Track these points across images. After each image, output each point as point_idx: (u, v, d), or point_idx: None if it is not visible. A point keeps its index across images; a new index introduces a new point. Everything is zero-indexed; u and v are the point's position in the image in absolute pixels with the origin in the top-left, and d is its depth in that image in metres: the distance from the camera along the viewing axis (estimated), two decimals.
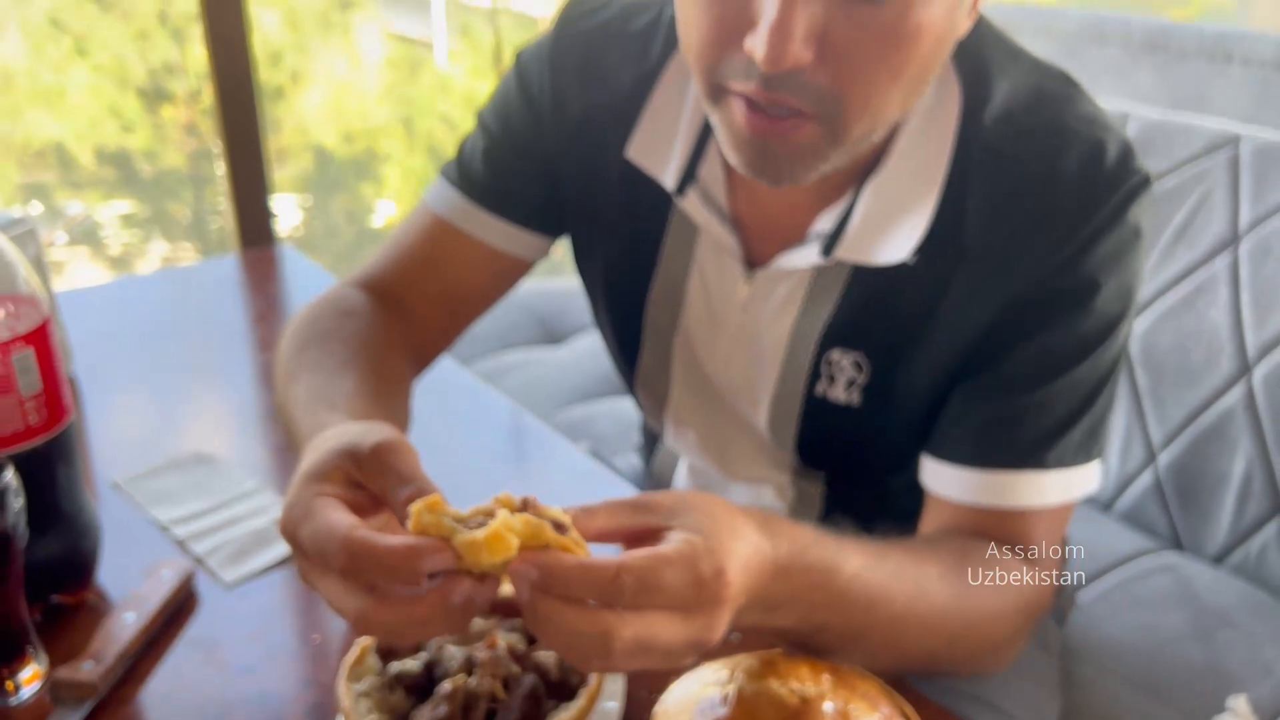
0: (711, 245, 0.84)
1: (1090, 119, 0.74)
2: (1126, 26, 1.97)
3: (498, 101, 0.91)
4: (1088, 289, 0.73)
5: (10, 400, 0.73)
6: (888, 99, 0.67)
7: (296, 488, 0.57)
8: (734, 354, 0.86)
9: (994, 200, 0.73)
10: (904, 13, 0.63)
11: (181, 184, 4.70)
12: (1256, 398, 1.16)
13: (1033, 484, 0.75)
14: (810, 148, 0.68)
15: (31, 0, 4.30)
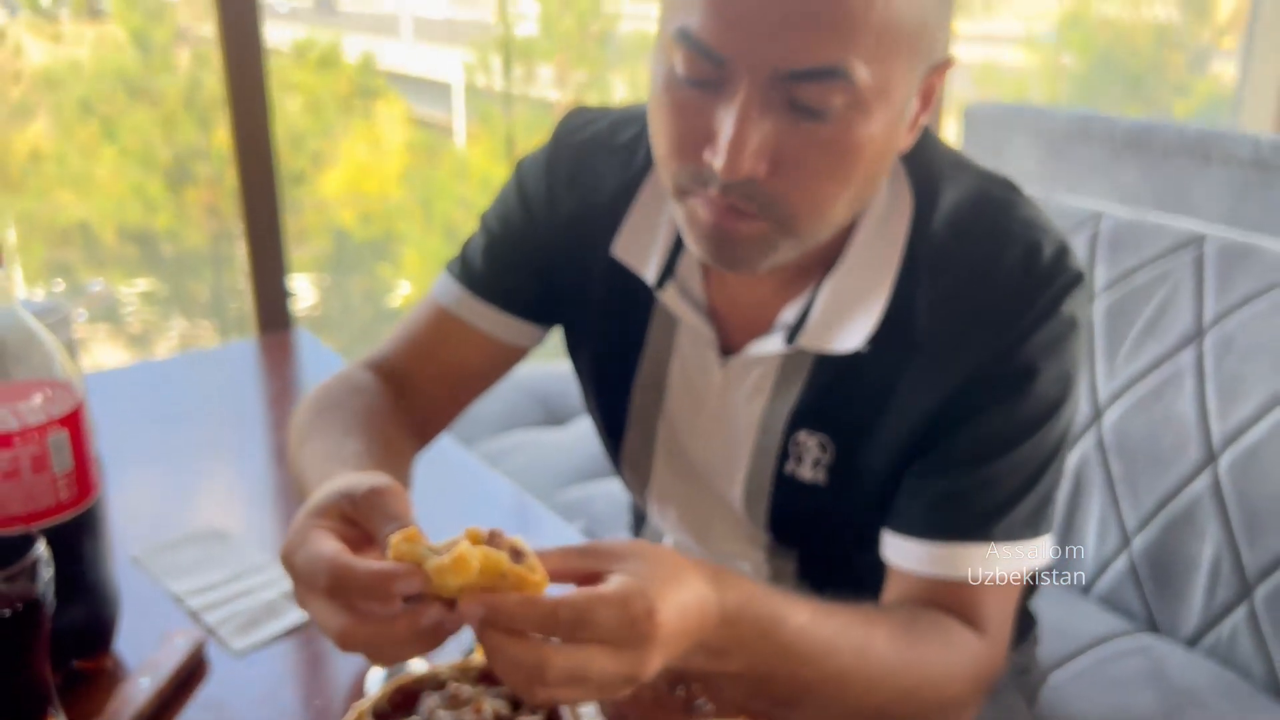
0: (690, 335, 0.91)
1: (1029, 222, 0.81)
2: (1111, 126, 2.06)
3: (499, 205, 0.99)
4: (1026, 375, 0.79)
5: (44, 478, 0.79)
6: (834, 204, 0.74)
7: (297, 521, 0.64)
8: (712, 435, 0.92)
9: (940, 296, 0.80)
10: (846, 129, 0.70)
11: (202, 263, 4.81)
12: (1222, 485, 1.21)
13: (980, 556, 0.80)
14: (761, 240, 0.75)
15: (64, 85, 4.43)
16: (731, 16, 0.68)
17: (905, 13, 0.69)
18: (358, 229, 5.38)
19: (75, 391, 0.82)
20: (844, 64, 0.68)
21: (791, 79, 0.68)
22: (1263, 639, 1.19)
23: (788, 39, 0.67)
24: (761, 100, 0.69)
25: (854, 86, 0.68)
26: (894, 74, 0.70)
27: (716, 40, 0.69)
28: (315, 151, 5.10)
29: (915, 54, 0.72)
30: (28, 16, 4.24)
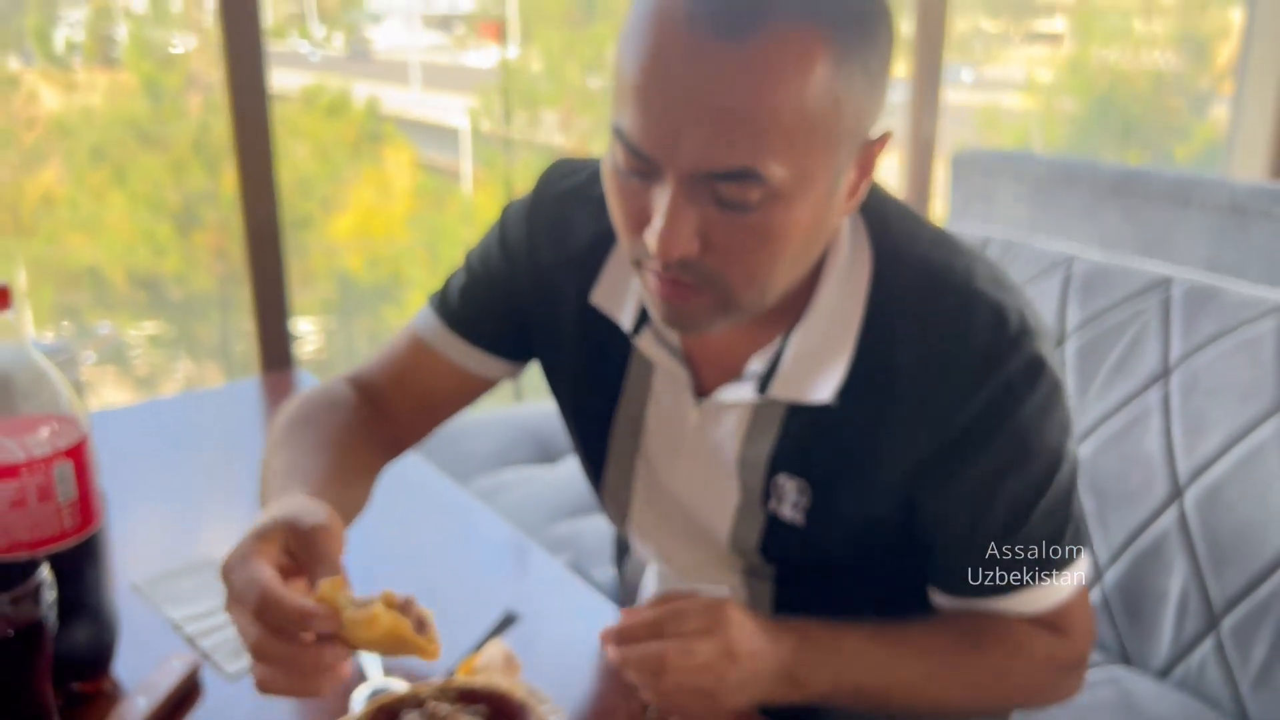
0: (666, 378, 0.96)
1: (991, 280, 0.86)
2: (1094, 171, 2.11)
3: (482, 246, 1.05)
4: (1030, 436, 0.85)
5: (49, 507, 0.84)
6: (769, 278, 0.80)
7: (243, 540, 0.72)
8: (692, 472, 0.97)
9: (915, 355, 0.85)
10: (769, 217, 0.75)
11: (209, 306, 4.86)
12: (1189, 519, 1.24)
13: (1035, 596, 0.90)
14: (707, 310, 0.81)
15: (76, 132, 4.50)
16: (655, 123, 0.74)
17: (819, 112, 0.73)
18: (364, 273, 5.44)
19: (80, 425, 0.86)
20: (757, 165, 0.73)
21: (711, 178, 0.74)
22: (1230, 670, 1.22)
23: (704, 145, 0.72)
24: (688, 193, 0.75)
25: (770, 184, 0.74)
26: (813, 166, 0.75)
27: (643, 142, 0.75)
28: (323, 196, 5.17)
29: (836, 143, 0.76)
30: (42, 64, 4.32)
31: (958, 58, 5.12)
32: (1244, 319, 1.27)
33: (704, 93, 0.72)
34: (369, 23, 5.46)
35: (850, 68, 0.74)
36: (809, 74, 0.72)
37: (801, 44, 0.72)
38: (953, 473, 0.86)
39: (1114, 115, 4.67)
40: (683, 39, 0.72)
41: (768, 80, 0.71)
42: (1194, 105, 4.67)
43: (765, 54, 0.71)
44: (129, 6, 4.52)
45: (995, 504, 0.87)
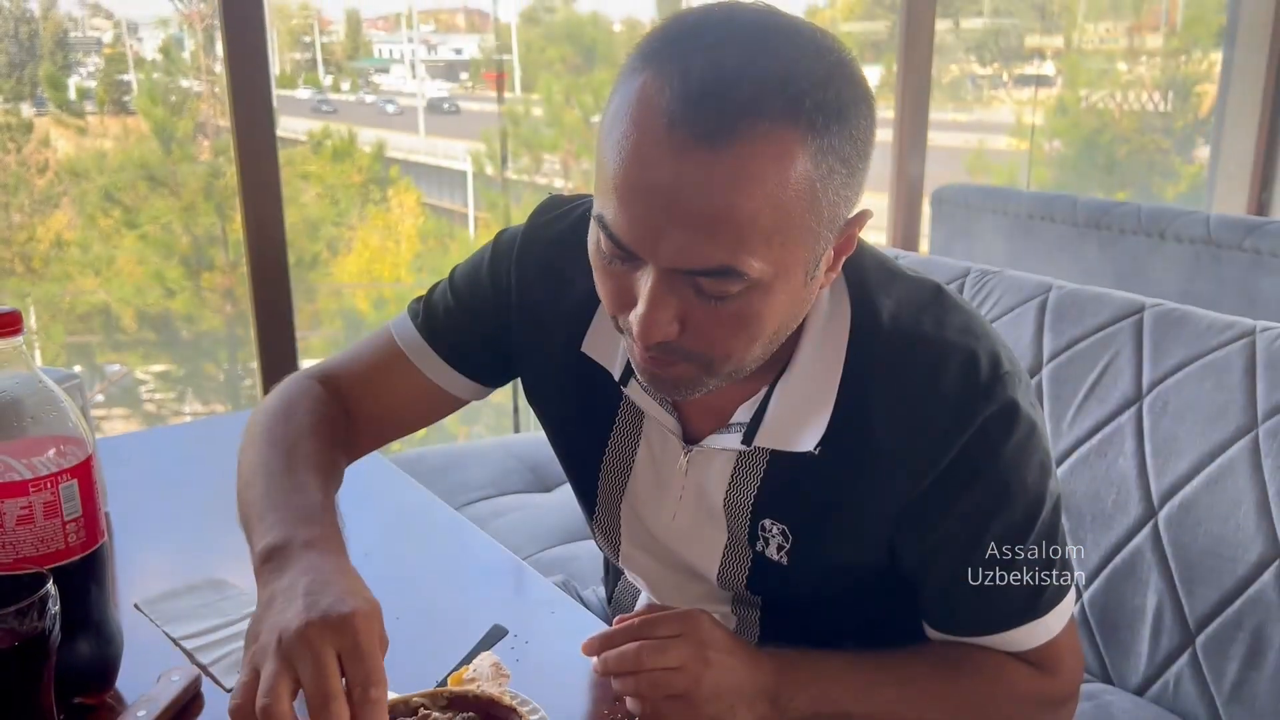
0: (656, 425, 0.99)
1: (962, 329, 0.89)
2: (1073, 206, 2.17)
3: (470, 268, 1.06)
4: (1010, 477, 0.88)
5: (54, 523, 0.88)
6: (748, 354, 0.83)
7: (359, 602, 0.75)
8: (680, 514, 1.00)
9: (890, 404, 0.87)
10: (747, 305, 0.78)
11: (217, 346, 4.91)
12: (1162, 538, 1.28)
13: (1026, 633, 0.92)
14: (689, 379, 0.84)
15: (88, 176, 4.57)
16: (636, 221, 0.76)
17: (798, 209, 0.75)
18: (370, 313, 5.49)
19: (86, 446, 0.91)
20: (736, 264, 0.75)
21: (691, 275, 0.77)
22: (1205, 685, 1.25)
23: (684, 245, 0.75)
24: (668, 284, 0.78)
25: (748, 279, 0.76)
26: (791, 258, 0.77)
27: (624, 237, 0.77)
28: (330, 238, 5.23)
29: (815, 235, 0.78)
30: (55, 111, 4.39)
31: (948, 102, 5.20)
32: (1212, 344, 1.31)
33: (684, 196, 0.73)
34: (375, 70, 5.55)
35: (829, 161, 0.75)
36: (788, 174, 0.73)
37: (781, 145, 0.73)
38: (933, 519, 0.89)
39: (1100, 156, 4.73)
40: (663, 142, 0.73)
41: (747, 184, 0.73)
42: (1180, 146, 4.73)
43: (745, 158, 0.72)
44: (141, 54, 4.60)
45: (979, 547, 0.89)
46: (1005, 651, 0.93)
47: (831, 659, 0.91)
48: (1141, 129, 4.71)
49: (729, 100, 0.72)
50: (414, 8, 5.39)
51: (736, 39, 0.75)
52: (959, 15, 4.97)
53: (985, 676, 0.93)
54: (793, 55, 0.75)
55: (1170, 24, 4.84)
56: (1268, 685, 1.19)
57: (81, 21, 4.54)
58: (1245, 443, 1.23)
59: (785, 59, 0.75)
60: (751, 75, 0.73)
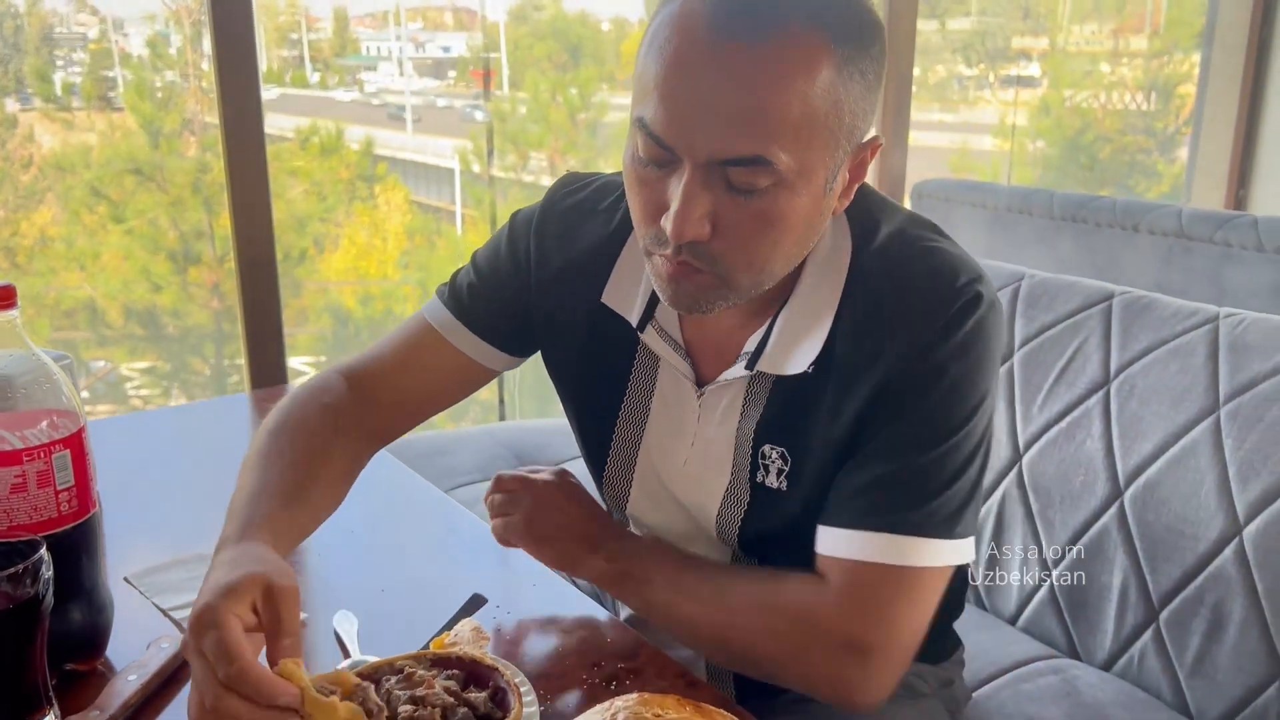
0: (670, 371, 1.04)
1: (945, 252, 0.94)
2: (1049, 200, 2.21)
3: (490, 248, 1.14)
4: (936, 378, 0.90)
5: (47, 492, 0.90)
6: (768, 263, 0.89)
7: (214, 596, 0.78)
8: (690, 460, 1.04)
9: (864, 315, 0.93)
10: (774, 203, 0.85)
11: (205, 340, 4.91)
12: (1128, 517, 1.31)
13: (887, 546, 0.90)
14: (709, 289, 0.90)
15: (74, 171, 4.57)
16: (676, 114, 0.83)
17: (822, 110, 0.83)
18: (357, 309, 5.50)
19: (78, 418, 0.93)
20: (767, 153, 0.82)
21: (725, 164, 0.83)
22: (1169, 659, 1.28)
23: (720, 134, 0.82)
24: (703, 179, 0.84)
25: (778, 171, 0.83)
26: (815, 159, 0.85)
27: (664, 132, 0.84)
28: (317, 234, 5.24)
29: (835, 141, 0.85)
30: (41, 106, 4.38)
31: (934, 102, 5.23)
32: (1178, 330, 1.34)
33: (722, 89, 0.81)
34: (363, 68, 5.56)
35: (850, 72, 0.83)
36: (816, 74, 0.82)
37: (810, 47, 0.81)
38: (884, 418, 0.92)
39: (1083, 156, 4.77)
40: (702, 43, 0.82)
41: (779, 79, 0.81)
42: (1162, 147, 4.77)
43: (778, 54, 0.81)
44: (126, 50, 4.60)
45: (889, 428, 0.91)
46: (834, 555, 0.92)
47: (663, 543, 1.04)
48: (1124, 129, 4.76)
49: (763, 4, 0.81)
50: (402, 5, 5.40)
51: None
52: (945, 16, 5.01)
53: (768, 583, 0.96)
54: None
55: (1154, 26, 4.88)
56: (1227, 658, 1.23)
57: (67, 17, 4.53)
58: (1207, 424, 1.26)
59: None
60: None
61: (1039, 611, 1.42)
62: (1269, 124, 3.29)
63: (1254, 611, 1.21)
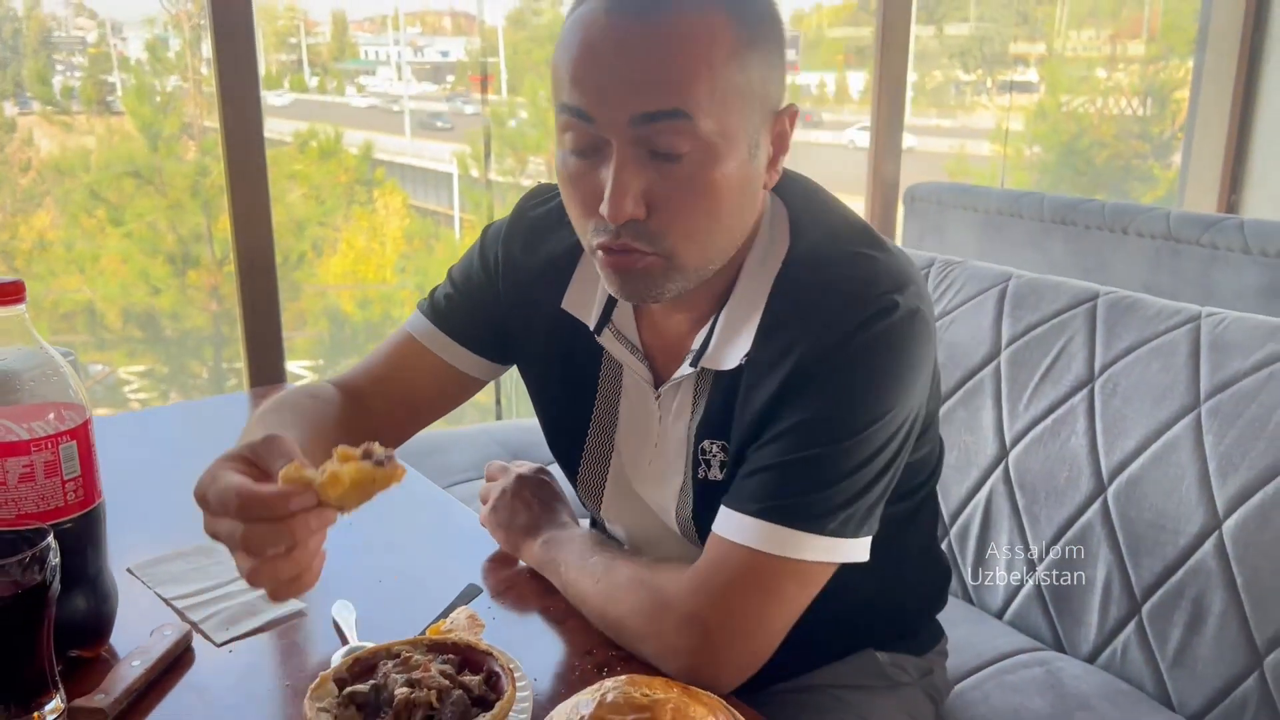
0: (633, 377, 1.07)
1: (873, 259, 0.96)
2: (1039, 203, 2.23)
3: (464, 262, 1.17)
4: (838, 378, 0.91)
5: (54, 482, 0.93)
6: (708, 236, 0.92)
7: (210, 467, 0.83)
8: (654, 461, 1.07)
9: (784, 312, 0.96)
10: (701, 169, 0.89)
11: (203, 343, 4.93)
12: (1111, 512, 1.34)
13: (765, 533, 0.91)
14: (656, 273, 0.93)
15: (73, 175, 4.58)
16: (592, 85, 0.88)
17: (728, 74, 0.87)
18: (355, 312, 5.53)
19: (84, 411, 0.96)
20: (684, 107, 0.86)
21: (645, 121, 0.86)
22: (1151, 652, 1.31)
23: (635, 92, 0.87)
24: (631, 155, 0.88)
25: (698, 130, 0.87)
26: (733, 123, 0.89)
27: (584, 103, 0.89)
28: (315, 238, 5.26)
29: (749, 105, 0.90)
30: (40, 109, 4.39)
31: (932, 108, 5.26)
32: (1160, 329, 1.37)
33: (632, 56, 0.87)
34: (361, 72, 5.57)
35: (748, 38, 0.89)
36: (715, 41, 0.87)
37: (706, 17, 0.87)
38: (786, 413, 0.93)
39: (1079, 161, 4.80)
40: (606, 24, 0.87)
41: (681, 42, 0.86)
42: (1158, 152, 4.79)
43: (676, 24, 0.86)
44: (125, 54, 4.61)
45: (785, 422, 0.93)
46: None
47: (588, 533, 1.09)
48: (1120, 134, 4.79)
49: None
50: (400, 10, 5.42)
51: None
52: (943, 21, 5.04)
53: (650, 565, 0.99)
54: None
55: (1151, 31, 4.90)
56: (1207, 650, 1.25)
57: (66, 21, 4.54)
58: (1188, 420, 1.29)
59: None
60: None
61: (1025, 605, 1.45)
62: (1261, 129, 3.32)
63: (1233, 604, 1.23)
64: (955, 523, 1.53)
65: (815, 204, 1.01)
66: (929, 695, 1.18)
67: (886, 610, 1.16)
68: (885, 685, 1.14)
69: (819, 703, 1.12)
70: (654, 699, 0.76)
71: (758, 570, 0.92)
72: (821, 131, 5.86)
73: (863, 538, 0.95)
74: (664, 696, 0.77)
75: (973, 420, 1.51)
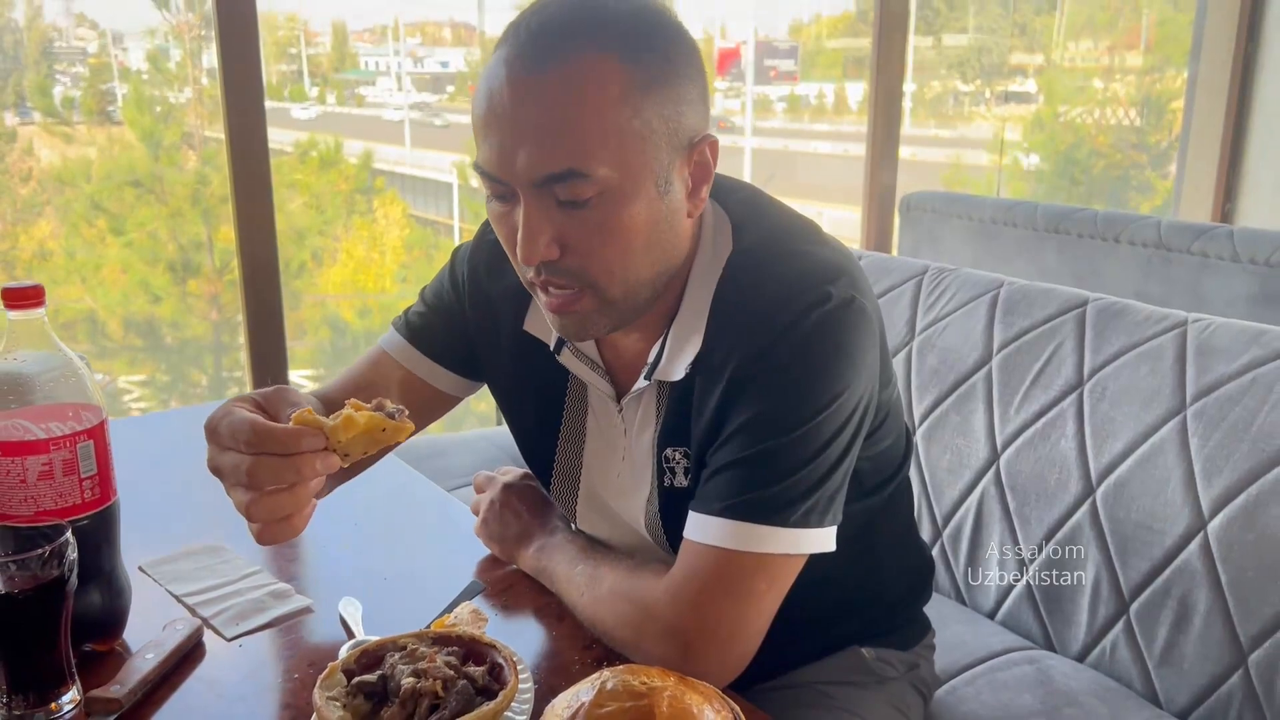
0: (597, 393, 1.10)
1: (807, 255, 0.99)
2: (1033, 212, 2.27)
3: (435, 282, 1.21)
4: (779, 375, 0.94)
5: (72, 479, 0.96)
6: (629, 270, 0.95)
7: (222, 405, 0.90)
8: (622, 471, 1.10)
9: (726, 315, 0.98)
10: (608, 214, 0.91)
11: (203, 352, 4.95)
12: (1099, 513, 1.37)
13: (727, 530, 0.94)
14: (590, 312, 0.96)
15: (74, 184, 4.60)
16: (495, 147, 0.91)
17: (624, 120, 0.89)
18: (356, 322, 5.55)
19: (100, 411, 0.98)
20: (580, 166, 0.89)
21: (545, 182, 0.90)
22: (1139, 650, 1.34)
23: (534, 155, 0.89)
24: (537, 205, 0.91)
25: (597, 181, 0.89)
26: (635, 165, 0.91)
27: (491, 167, 0.92)
28: (316, 248, 5.29)
29: (653, 145, 0.92)
30: (41, 120, 4.41)
31: (930, 118, 5.30)
32: (1148, 334, 1.40)
33: (524, 115, 0.89)
34: (361, 82, 5.60)
35: (645, 81, 0.90)
36: (607, 90, 0.89)
37: (596, 65, 0.89)
38: (733, 414, 0.96)
39: (1076, 171, 4.83)
40: (505, 81, 0.90)
41: (572, 96, 0.88)
42: (1155, 162, 4.83)
43: (566, 77, 0.89)
44: (126, 64, 4.64)
45: (733, 423, 0.95)
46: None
47: (575, 539, 1.11)
48: (1117, 144, 4.82)
49: (548, 36, 0.90)
50: (400, 20, 5.46)
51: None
52: (942, 32, 5.07)
53: (631, 573, 1.01)
54: (606, 2, 0.92)
55: (1149, 42, 4.94)
56: (1193, 648, 1.28)
57: (66, 31, 4.57)
58: (1175, 423, 1.32)
59: (598, 5, 0.92)
60: (567, 17, 0.91)
61: (1016, 605, 1.48)
62: (1254, 139, 3.35)
63: (1218, 603, 1.26)
64: (948, 524, 1.56)
65: (755, 210, 1.04)
66: (917, 689, 1.21)
67: (868, 605, 1.18)
68: (873, 680, 1.16)
69: (805, 699, 1.15)
70: (651, 687, 0.79)
71: (728, 570, 0.94)
72: (820, 141, 5.89)
73: (827, 527, 0.97)
74: (661, 685, 0.79)
75: (965, 424, 1.54)
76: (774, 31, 5.90)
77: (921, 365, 1.61)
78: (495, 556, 1.20)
